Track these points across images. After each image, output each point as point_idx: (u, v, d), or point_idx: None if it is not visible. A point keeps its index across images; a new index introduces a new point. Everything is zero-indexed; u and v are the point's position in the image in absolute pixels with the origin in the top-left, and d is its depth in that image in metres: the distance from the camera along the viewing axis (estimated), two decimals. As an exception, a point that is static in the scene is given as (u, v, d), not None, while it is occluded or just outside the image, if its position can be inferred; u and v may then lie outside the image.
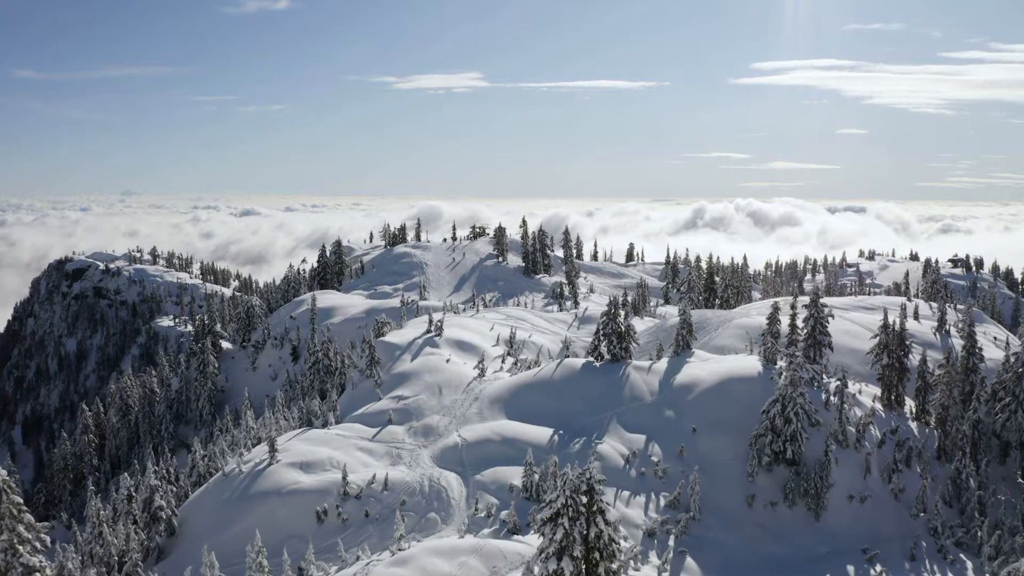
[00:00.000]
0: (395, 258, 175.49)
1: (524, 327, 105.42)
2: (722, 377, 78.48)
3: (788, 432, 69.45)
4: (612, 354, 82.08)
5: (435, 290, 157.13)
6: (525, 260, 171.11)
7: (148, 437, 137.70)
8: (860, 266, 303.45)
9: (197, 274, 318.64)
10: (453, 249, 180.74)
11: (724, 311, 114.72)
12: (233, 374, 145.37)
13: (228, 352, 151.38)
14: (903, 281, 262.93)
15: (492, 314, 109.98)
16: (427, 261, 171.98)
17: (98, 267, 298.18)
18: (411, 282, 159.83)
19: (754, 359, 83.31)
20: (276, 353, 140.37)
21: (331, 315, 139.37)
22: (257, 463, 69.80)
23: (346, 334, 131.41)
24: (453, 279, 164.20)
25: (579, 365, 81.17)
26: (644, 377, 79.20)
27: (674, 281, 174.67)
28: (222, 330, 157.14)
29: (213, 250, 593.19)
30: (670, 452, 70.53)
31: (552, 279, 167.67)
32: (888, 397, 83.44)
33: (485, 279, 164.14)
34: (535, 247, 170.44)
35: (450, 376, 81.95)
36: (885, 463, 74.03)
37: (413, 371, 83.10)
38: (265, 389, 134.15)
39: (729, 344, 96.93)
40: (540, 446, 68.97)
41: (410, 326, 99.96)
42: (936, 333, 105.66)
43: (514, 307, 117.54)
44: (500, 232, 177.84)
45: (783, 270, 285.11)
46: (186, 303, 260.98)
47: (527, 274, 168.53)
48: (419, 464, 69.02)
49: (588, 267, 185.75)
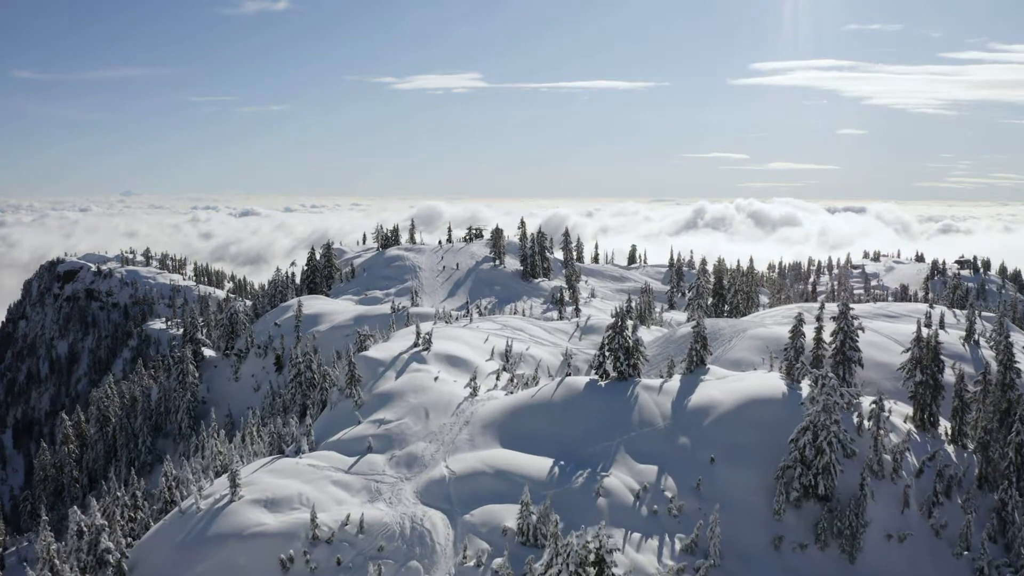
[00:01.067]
0: (387, 261, 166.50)
1: (521, 338, 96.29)
2: (742, 398, 69.42)
3: (820, 464, 60.61)
4: (619, 372, 72.93)
5: (428, 295, 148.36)
6: (523, 263, 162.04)
7: (125, 451, 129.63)
8: (866, 268, 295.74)
9: (191, 276, 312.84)
10: (448, 252, 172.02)
11: (737, 320, 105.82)
12: (215, 384, 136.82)
13: (211, 360, 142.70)
14: (923, 288, 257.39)
15: (487, 324, 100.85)
16: (420, 264, 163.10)
17: (90, 269, 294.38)
18: (403, 287, 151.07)
19: (775, 377, 74.37)
20: (259, 362, 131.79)
21: (317, 322, 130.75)
22: (218, 499, 60.77)
23: (332, 343, 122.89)
24: (447, 283, 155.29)
25: (582, 384, 71.99)
26: (655, 398, 70.11)
27: (678, 285, 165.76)
28: (205, 337, 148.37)
29: (212, 250, 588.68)
30: (685, 486, 61.56)
31: (551, 283, 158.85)
32: (921, 417, 74.45)
33: (481, 284, 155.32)
34: (534, 250, 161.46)
35: (438, 396, 72.84)
36: (924, 495, 65.25)
37: (397, 391, 73.94)
38: (247, 400, 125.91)
39: (745, 357, 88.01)
40: (538, 480, 60.00)
41: (396, 338, 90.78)
42: (965, 344, 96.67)
43: (511, 316, 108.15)
44: (497, 234, 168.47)
45: (787, 271, 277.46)
46: (179, 305, 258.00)
47: (525, 278, 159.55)
48: (400, 501, 59.98)
49: (589, 270, 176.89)
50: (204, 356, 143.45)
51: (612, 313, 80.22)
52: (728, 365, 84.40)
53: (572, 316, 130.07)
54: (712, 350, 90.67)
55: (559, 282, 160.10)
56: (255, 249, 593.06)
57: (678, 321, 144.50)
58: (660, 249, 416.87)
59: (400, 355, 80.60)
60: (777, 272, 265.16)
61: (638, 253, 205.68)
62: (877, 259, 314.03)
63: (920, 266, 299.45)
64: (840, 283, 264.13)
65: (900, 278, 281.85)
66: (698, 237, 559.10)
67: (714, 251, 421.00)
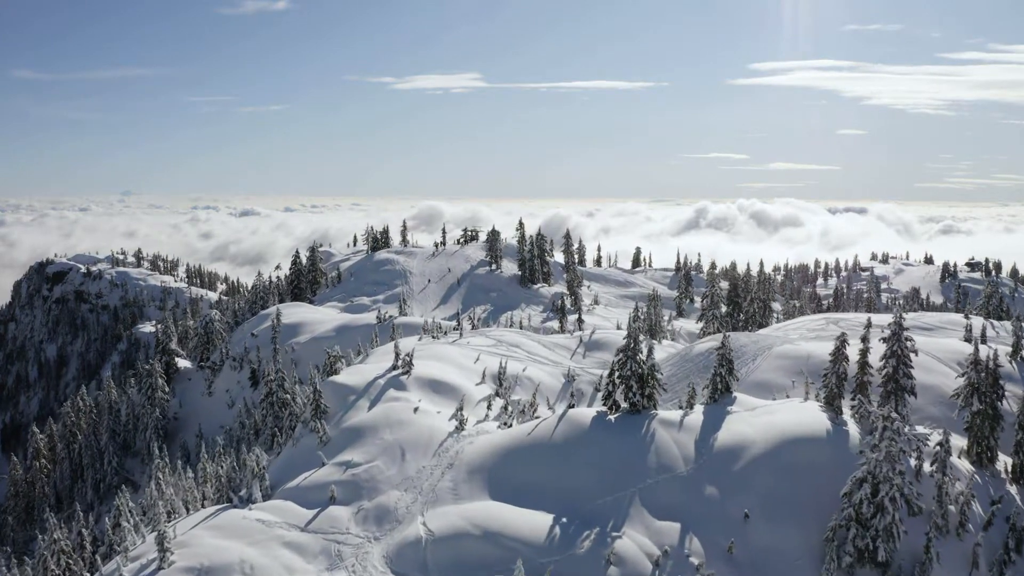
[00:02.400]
0: (376, 265, 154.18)
1: (518, 356, 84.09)
2: (778, 437, 57.54)
3: (880, 525, 48.85)
4: (631, 403, 60.87)
5: (419, 302, 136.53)
6: (521, 268, 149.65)
7: (91, 470, 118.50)
8: (874, 270, 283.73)
9: (182, 277, 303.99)
10: (442, 255, 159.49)
11: (759, 333, 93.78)
12: (188, 398, 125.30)
13: (185, 372, 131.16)
14: (936, 291, 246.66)
15: (479, 339, 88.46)
16: (411, 269, 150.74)
17: (79, 270, 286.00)
18: (392, 293, 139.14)
19: (814, 408, 62.54)
20: (234, 376, 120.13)
21: (296, 333, 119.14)
22: (145, 564, 48.95)
23: (311, 356, 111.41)
24: (440, 289, 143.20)
25: (588, 419, 59.90)
26: (675, 436, 58.14)
27: (687, 291, 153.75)
28: (178, 347, 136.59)
29: (212, 250, 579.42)
30: (715, 549, 49.84)
31: (552, 289, 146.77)
32: (978, 452, 62.68)
33: (476, 290, 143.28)
34: (533, 253, 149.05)
35: (418, 431, 60.81)
36: (994, 553, 53.68)
37: (369, 425, 61.84)
38: (221, 418, 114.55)
39: (772, 380, 76.14)
40: (536, 544, 48.21)
41: (374, 358, 78.71)
42: (1012, 361, 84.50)
43: (506, 330, 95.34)
44: (494, 236, 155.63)
45: (793, 274, 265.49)
46: (170, 308, 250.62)
47: (524, 284, 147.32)
48: (366, 568, 48.11)
49: (592, 274, 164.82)
50: (179, 368, 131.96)
51: (620, 326, 68.52)
52: (753, 389, 72.60)
53: (574, 328, 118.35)
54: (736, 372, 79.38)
55: (560, 288, 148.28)
56: (255, 249, 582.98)
57: (689, 332, 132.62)
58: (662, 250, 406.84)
59: (375, 380, 68.35)
60: (783, 275, 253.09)
61: (642, 256, 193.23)
62: (886, 261, 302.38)
63: (929, 268, 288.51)
64: (848, 286, 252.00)
65: (910, 281, 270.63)
66: (701, 237, 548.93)
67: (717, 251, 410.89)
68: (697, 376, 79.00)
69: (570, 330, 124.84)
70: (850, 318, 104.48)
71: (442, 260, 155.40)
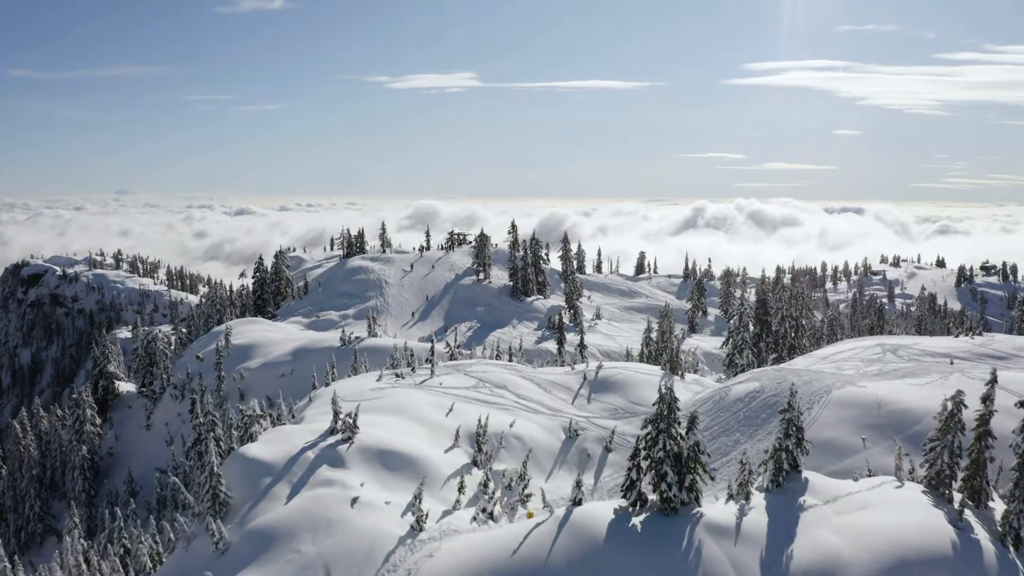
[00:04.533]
0: (348, 274, 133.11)
1: (504, 402, 63.52)
2: (883, 555, 37.53)
3: None
4: (665, 499, 40.60)
5: (394, 318, 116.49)
6: (513, 277, 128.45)
7: (13, 515, 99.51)
8: (886, 274, 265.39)
9: (163, 280, 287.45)
10: (423, 262, 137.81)
11: (808, 370, 73.68)
12: (126, 431, 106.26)
13: (126, 398, 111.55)
14: (953, 297, 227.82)
15: (455, 377, 67.36)
16: (388, 278, 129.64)
17: (55, 272, 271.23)
18: (365, 306, 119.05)
19: (919, 498, 42.85)
20: (175, 407, 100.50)
21: (248, 356, 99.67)
22: None
23: (263, 385, 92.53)
24: (419, 303, 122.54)
25: (602, 526, 39.39)
26: (730, 552, 38.05)
27: (699, 302, 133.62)
28: (118, 370, 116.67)
29: (206, 249, 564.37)
30: None
31: (547, 302, 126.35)
32: None
33: (460, 303, 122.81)
34: (526, 260, 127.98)
35: (354, 537, 40.60)
36: None
37: (285, 527, 41.41)
38: (158, 457, 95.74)
39: (840, 438, 56.64)
40: None
41: (317, 406, 58.24)
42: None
43: (490, 363, 72.98)
44: (482, 241, 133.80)
45: (799, 277, 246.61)
46: (148, 312, 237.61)
47: (515, 296, 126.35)
48: None
49: (592, 283, 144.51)
50: (119, 392, 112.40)
51: (631, 352, 48.17)
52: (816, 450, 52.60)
53: (575, 352, 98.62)
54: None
55: (556, 300, 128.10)
56: (250, 248, 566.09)
57: (706, 352, 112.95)
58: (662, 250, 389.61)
59: (304, 452, 47.84)
60: (789, 277, 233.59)
61: (646, 261, 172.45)
62: (897, 264, 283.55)
63: (943, 272, 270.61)
64: (860, 291, 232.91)
65: (925, 285, 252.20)
66: (699, 237, 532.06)
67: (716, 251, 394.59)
68: (740, 431, 59.52)
69: (569, 351, 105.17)
70: (908, 344, 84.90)
71: (423, 268, 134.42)
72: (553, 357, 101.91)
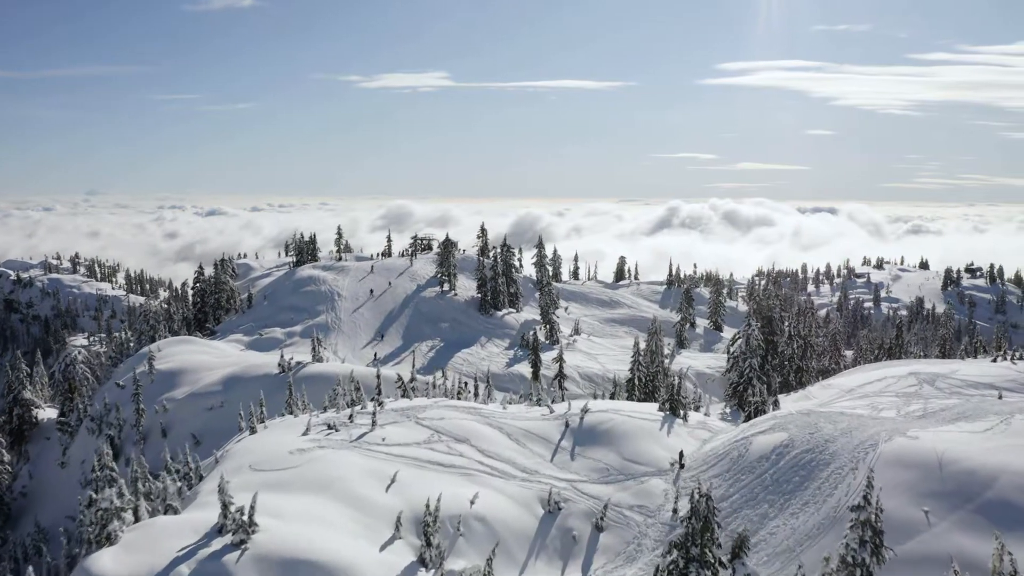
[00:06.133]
0: (296, 285, 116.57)
1: (465, 463, 48.19)
2: None
3: None
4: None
5: (347, 336, 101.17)
6: (481, 289, 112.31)
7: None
8: (871, 276, 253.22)
9: (121, 284, 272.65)
10: (382, 271, 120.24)
11: (836, 410, 59.36)
12: (42, 467, 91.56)
13: (46, 428, 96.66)
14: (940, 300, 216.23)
15: (403, 428, 51.46)
16: (342, 290, 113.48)
17: (9, 277, 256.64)
18: (314, 322, 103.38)
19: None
20: (92, 442, 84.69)
21: (174, 384, 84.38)
22: None
23: (189, 420, 77.74)
24: (375, 318, 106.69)
25: None
26: None
27: (688, 313, 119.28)
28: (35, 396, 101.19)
29: (178, 250, 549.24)
30: None
31: (520, 316, 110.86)
32: None
33: (422, 319, 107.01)
34: (496, 270, 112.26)
35: None
36: None
37: None
38: (70, 501, 79.74)
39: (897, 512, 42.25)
40: None
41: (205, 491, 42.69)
42: None
43: (449, 406, 56.16)
44: (447, 247, 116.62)
45: (780, 279, 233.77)
46: (105, 318, 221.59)
47: (484, 310, 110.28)
48: None
49: (569, 292, 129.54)
50: (38, 421, 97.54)
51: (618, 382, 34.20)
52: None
53: (551, 382, 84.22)
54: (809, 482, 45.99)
55: (530, 314, 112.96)
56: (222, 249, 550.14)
57: (699, 372, 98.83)
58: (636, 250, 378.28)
59: (176, 565, 33.00)
60: (771, 280, 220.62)
61: (627, 266, 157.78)
62: (880, 266, 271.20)
63: (927, 274, 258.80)
64: (845, 294, 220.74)
65: (909, 288, 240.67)
66: (674, 237, 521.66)
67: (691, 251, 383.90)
68: (768, 501, 45.41)
69: (546, 375, 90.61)
70: (945, 372, 71.01)
71: (382, 278, 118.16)
72: (527, 384, 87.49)
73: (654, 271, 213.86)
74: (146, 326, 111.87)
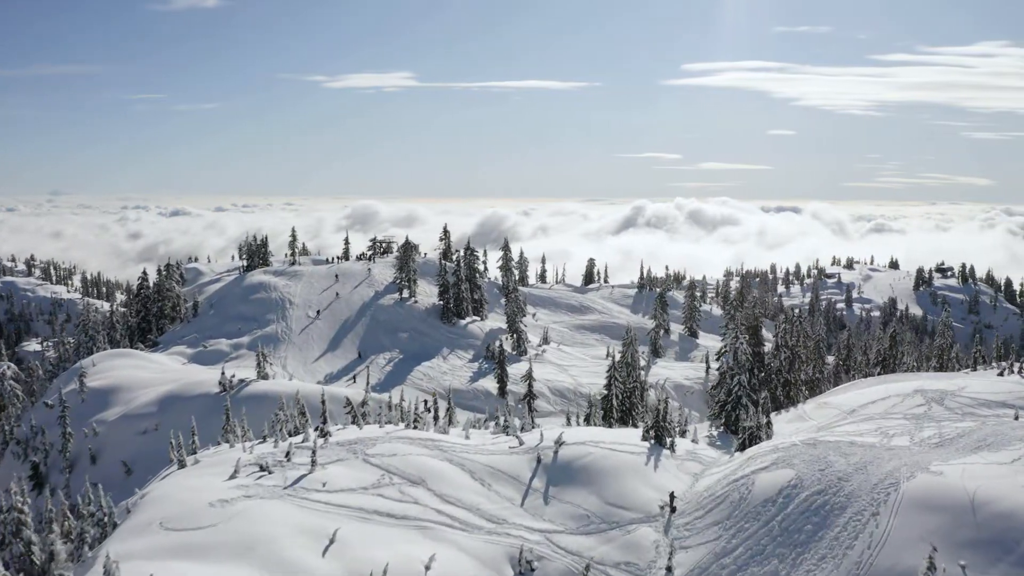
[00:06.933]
0: (246, 291, 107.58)
1: (418, 512, 39.90)
2: None
3: None
4: None
5: (298, 348, 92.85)
6: (444, 296, 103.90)
7: None
8: (841, 276, 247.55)
9: (77, 287, 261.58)
10: (338, 276, 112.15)
11: (842, 437, 51.86)
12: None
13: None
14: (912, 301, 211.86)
15: (347, 469, 42.84)
16: (294, 297, 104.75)
17: None
18: (263, 333, 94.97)
19: None
20: (17, 468, 76.15)
21: (107, 403, 76.24)
22: None
23: (121, 445, 70.00)
24: (329, 328, 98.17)
25: None
26: None
27: (663, 318, 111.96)
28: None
29: (141, 251, 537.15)
30: None
31: (486, 325, 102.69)
32: None
33: (380, 328, 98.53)
34: (459, 274, 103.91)
35: None
36: None
37: None
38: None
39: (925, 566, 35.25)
40: None
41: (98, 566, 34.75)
42: None
43: (404, 437, 47.34)
44: (407, 251, 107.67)
45: (749, 279, 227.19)
46: (60, 322, 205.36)
47: (446, 318, 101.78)
48: None
49: (536, 297, 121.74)
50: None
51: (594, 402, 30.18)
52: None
53: (519, 398, 76.51)
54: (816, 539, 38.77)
55: (496, 321, 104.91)
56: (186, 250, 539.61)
57: (677, 384, 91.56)
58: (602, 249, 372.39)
59: None
60: (742, 281, 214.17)
61: (596, 268, 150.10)
62: (851, 266, 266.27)
63: (897, 274, 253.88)
64: (816, 295, 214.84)
65: (880, 288, 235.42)
66: (640, 236, 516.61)
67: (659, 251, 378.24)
68: (778, 555, 38.07)
69: (513, 390, 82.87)
70: (952, 389, 63.94)
71: (337, 284, 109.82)
72: (492, 402, 79.66)
73: (622, 271, 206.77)
74: (85, 336, 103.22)
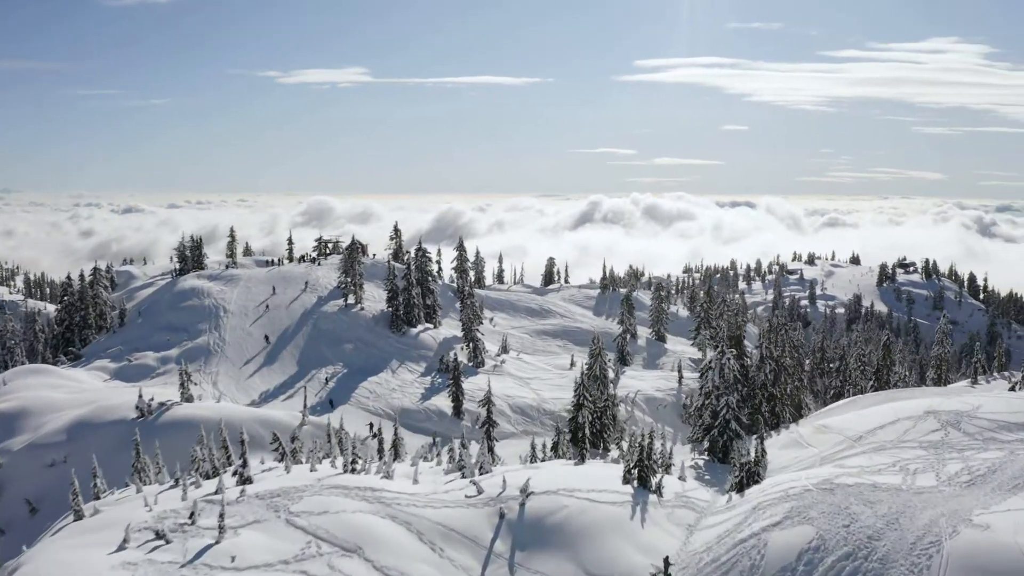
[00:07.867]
0: (177, 298, 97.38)
1: None
2: None
3: None
4: None
5: (231, 362, 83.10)
6: (393, 301, 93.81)
7: None
8: (803, 272, 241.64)
9: (20, 288, 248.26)
10: (278, 280, 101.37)
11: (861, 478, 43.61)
12: None
13: None
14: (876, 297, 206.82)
15: (263, 535, 33.75)
16: (229, 304, 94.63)
17: None
18: (193, 344, 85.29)
19: None
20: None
21: (14, 429, 66.56)
22: None
23: (26, 478, 60.60)
24: (266, 339, 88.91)
25: None
26: None
27: (629, 322, 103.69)
28: None
29: (92, 249, 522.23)
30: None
31: (439, 333, 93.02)
32: None
33: (322, 339, 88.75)
34: (410, 278, 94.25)
35: None
36: None
37: None
38: None
39: None
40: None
41: None
42: None
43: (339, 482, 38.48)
44: (352, 252, 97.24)
45: (710, 275, 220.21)
46: None
47: (396, 327, 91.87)
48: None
49: (494, 300, 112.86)
50: None
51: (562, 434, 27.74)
52: None
53: (476, 418, 67.74)
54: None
55: (450, 328, 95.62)
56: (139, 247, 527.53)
57: (650, 397, 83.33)
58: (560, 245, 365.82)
59: None
60: (700, 277, 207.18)
61: (555, 268, 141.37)
62: (812, 262, 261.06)
63: (859, 270, 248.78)
64: (779, 292, 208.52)
65: (843, 284, 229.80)
66: (597, 231, 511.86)
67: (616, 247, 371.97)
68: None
69: (470, 408, 73.97)
70: (966, 409, 55.83)
71: (277, 289, 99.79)
72: (446, 423, 70.87)
73: (579, 266, 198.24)
74: (2, 349, 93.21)
